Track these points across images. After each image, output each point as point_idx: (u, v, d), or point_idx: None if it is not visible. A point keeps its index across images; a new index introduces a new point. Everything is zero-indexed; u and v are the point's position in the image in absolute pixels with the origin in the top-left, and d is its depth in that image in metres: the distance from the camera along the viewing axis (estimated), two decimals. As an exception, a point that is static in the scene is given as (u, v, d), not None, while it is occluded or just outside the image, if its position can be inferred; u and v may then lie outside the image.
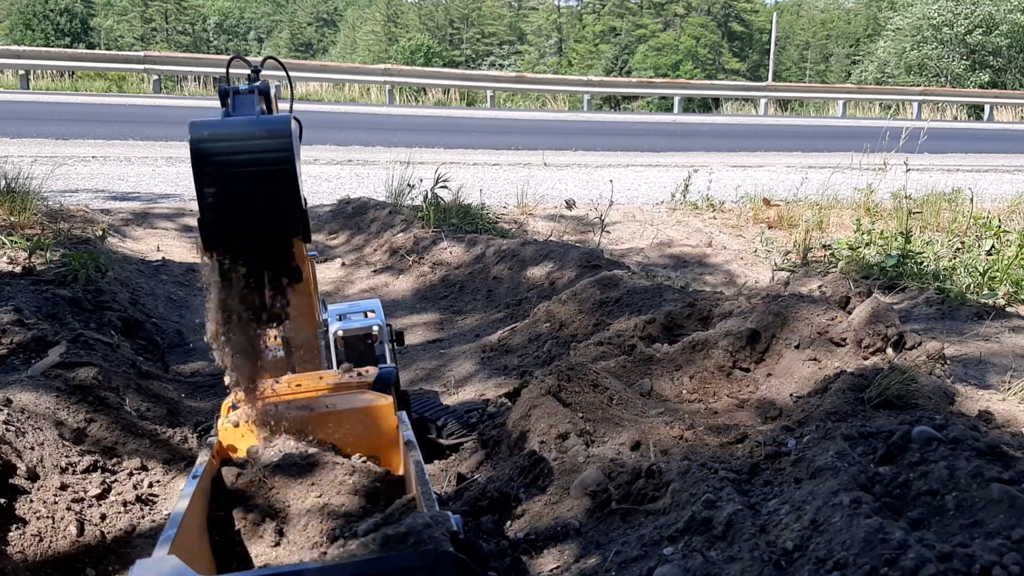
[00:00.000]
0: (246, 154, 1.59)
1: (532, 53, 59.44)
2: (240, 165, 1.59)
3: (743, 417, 2.58)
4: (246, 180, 1.60)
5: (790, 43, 58.84)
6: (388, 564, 1.26)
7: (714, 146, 13.61)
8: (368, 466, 1.92)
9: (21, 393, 2.51)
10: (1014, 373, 3.11)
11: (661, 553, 1.71)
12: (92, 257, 4.28)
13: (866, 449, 1.89)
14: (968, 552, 1.34)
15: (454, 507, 2.29)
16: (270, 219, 1.64)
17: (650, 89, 24.16)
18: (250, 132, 1.61)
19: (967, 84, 31.82)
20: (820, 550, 1.49)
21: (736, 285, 5.33)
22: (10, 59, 18.45)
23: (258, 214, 1.62)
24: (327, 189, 8.12)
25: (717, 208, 7.57)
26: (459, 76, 23.09)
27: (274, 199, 1.62)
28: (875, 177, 6.85)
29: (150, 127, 11.93)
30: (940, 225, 6.53)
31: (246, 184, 1.60)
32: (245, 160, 1.59)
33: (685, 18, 55.76)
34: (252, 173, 1.59)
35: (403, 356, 3.97)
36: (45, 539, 2.07)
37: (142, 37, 56.74)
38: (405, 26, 62.90)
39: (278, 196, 1.62)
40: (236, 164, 1.59)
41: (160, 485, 2.51)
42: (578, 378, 2.59)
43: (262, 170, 1.60)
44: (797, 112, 23.96)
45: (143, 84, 19.59)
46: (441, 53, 50.37)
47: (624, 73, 46.73)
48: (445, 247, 5.55)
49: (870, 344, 2.76)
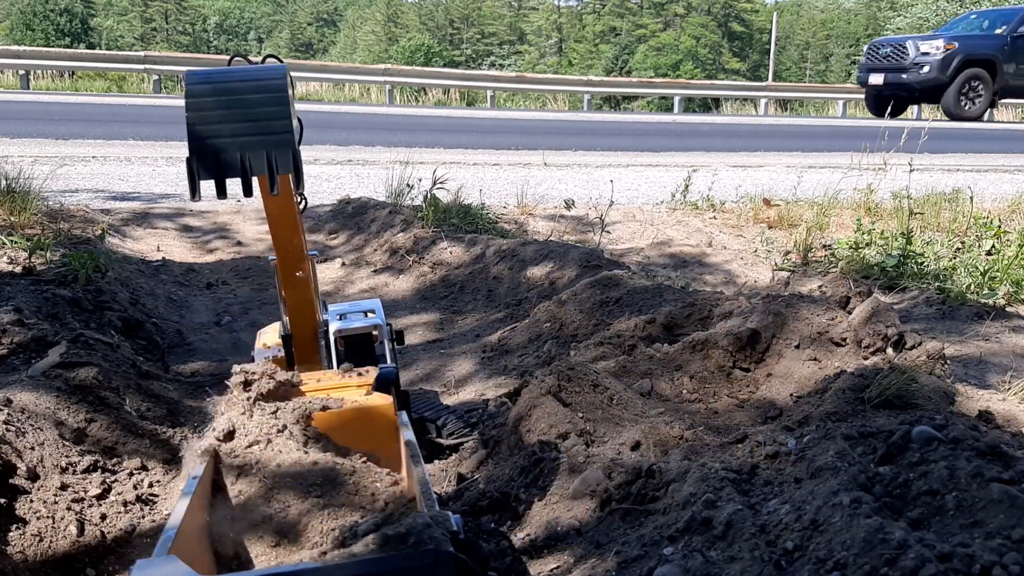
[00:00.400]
0: (241, 82, 1.64)
1: (532, 53, 59.46)
2: (234, 92, 1.62)
3: (743, 417, 2.58)
4: (239, 108, 1.62)
5: (790, 43, 58.84)
6: (388, 564, 1.26)
7: (714, 146, 13.61)
8: (368, 466, 1.92)
9: (21, 393, 2.51)
10: (1014, 373, 3.11)
11: (661, 553, 1.71)
12: (92, 257, 4.28)
13: (866, 449, 1.89)
14: (968, 552, 1.34)
15: (454, 507, 2.30)
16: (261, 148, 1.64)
17: (650, 89, 24.16)
18: (246, 73, 1.66)
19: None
20: (820, 550, 1.49)
21: (736, 285, 5.33)
22: (10, 59, 18.46)
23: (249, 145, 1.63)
24: (327, 189, 8.12)
25: (717, 208, 7.57)
26: (459, 76, 23.10)
27: (266, 132, 1.63)
28: (875, 177, 6.85)
29: (150, 127, 11.93)
30: (940, 225, 6.53)
31: (239, 113, 1.63)
32: (239, 88, 1.63)
33: (685, 18, 55.78)
34: (246, 100, 1.62)
35: (403, 356, 3.97)
36: (45, 539, 2.07)
37: (142, 37, 56.75)
38: (405, 26, 62.92)
39: (271, 129, 1.64)
40: (230, 91, 1.62)
41: (160, 485, 2.51)
42: (578, 378, 2.59)
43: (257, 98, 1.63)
44: (797, 112, 23.97)
45: (143, 84, 19.61)
46: (441, 53, 50.38)
47: (624, 73, 46.73)
48: (445, 247, 5.55)
49: (870, 344, 2.76)
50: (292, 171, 1.67)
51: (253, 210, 7.16)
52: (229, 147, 1.62)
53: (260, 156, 1.64)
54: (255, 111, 1.63)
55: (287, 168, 1.66)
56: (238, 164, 1.63)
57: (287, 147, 1.65)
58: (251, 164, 1.64)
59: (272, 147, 1.64)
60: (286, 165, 1.66)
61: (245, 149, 1.63)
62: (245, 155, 1.63)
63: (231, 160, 1.63)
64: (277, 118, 1.64)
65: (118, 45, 47.69)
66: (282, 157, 1.65)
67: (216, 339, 4.29)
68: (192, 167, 1.62)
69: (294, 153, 1.66)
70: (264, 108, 1.64)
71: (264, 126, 1.64)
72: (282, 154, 1.65)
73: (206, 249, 6.14)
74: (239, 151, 1.63)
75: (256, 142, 1.63)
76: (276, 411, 1.98)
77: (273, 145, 1.64)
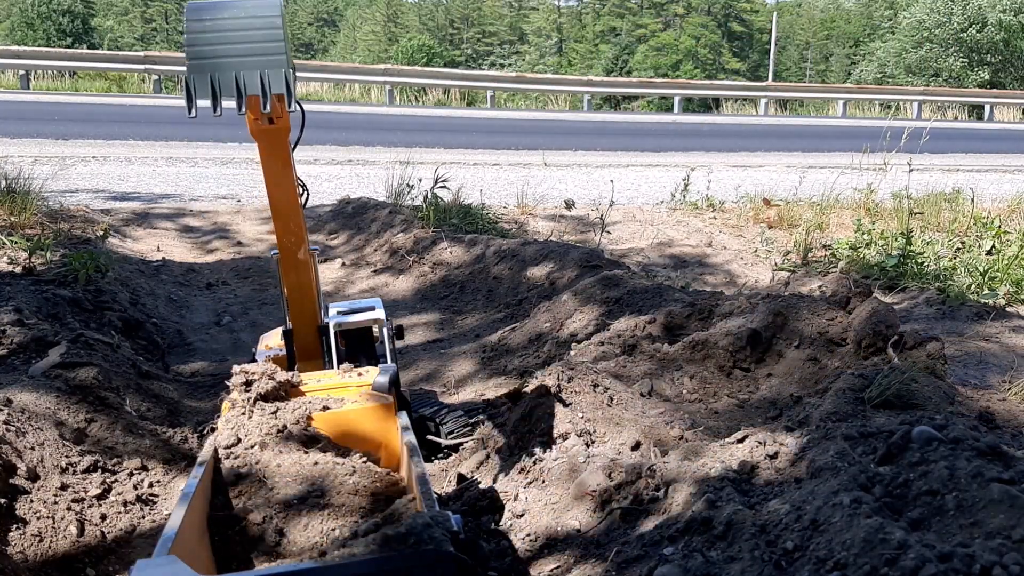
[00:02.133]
0: (236, 9, 1.75)
1: (532, 53, 59.45)
2: (230, 18, 1.74)
3: (744, 417, 2.58)
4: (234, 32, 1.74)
5: (790, 43, 58.83)
6: (388, 564, 1.26)
7: (714, 146, 13.61)
8: (368, 466, 1.91)
9: (21, 393, 2.51)
10: (1014, 373, 3.11)
11: (661, 553, 1.71)
12: (92, 257, 4.28)
13: (866, 449, 1.89)
14: (968, 552, 1.34)
15: (454, 507, 2.30)
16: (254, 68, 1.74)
17: (650, 89, 24.14)
18: (241, 3, 1.76)
19: (966, 83, 31.80)
20: (820, 550, 1.49)
21: (736, 285, 5.33)
22: (10, 59, 18.45)
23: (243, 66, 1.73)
24: (327, 189, 8.12)
25: (717, 208, 7.57)
26: (459, 76, 23.08)
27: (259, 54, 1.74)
28: (875, 177, 6.85)
29: (150, 127, 11.92)
30: (940, 225, 6.52)
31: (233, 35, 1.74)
32: (234, 14, 1.74)
33: (685, 18, 55.75)
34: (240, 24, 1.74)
35: (403, 356, 3.97)
36: (45, 539, 2.07)
37: (142, 37, 56.76)
38: (405, 26, 62.92)
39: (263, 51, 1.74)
40: (226, 17, 1.74)
41: (160, 485, 2.51)
42: (578, 378, 2.59)
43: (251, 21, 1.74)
44: (797, 112, 23.95)
45: (143, 84, 19.60)
46: (441, 53, 50.35)
47: (624, 73, 46.72)
48: (445, 247, 5.56)
49: (870, 344, 2.76)
50: (284, 90, 1.76)
51: (253, 210, 7.16)
52: (224, 67, 1.73)
53: (253, 75, 1.74)
54: (249, 34, 1.74)
55: (280, 86, 1.75)
56: (232, 82, 1.73)
57: (279, 67, 1.75)
58: (245, 83, 1.74)
59: (265, 67, 1.74)
60: (279, 83, 1.75)
61: (239, 69, 1.73)
62: (240, 74, 1.73)
63: (226, 78, 1.74)
64: (269, 40, 1.74)
65: (118, 45, 47.69)
66: (275, 76, 1.74)
67: (216, 339, 4.29)
68: (189, 86, 1.73)
69: (286, 73, 1.75)
70: (257, 31, 1.74)
71: (257, 47, 1.74)
72: (275, 73, 1.74)
73: (206, 249, 6.14)
74: (233, 71, 1.73)
75: (250, 63, 1.74)
76: (276, 411, 1.98)
77: (266, 65, 1.74)
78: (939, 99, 23.44)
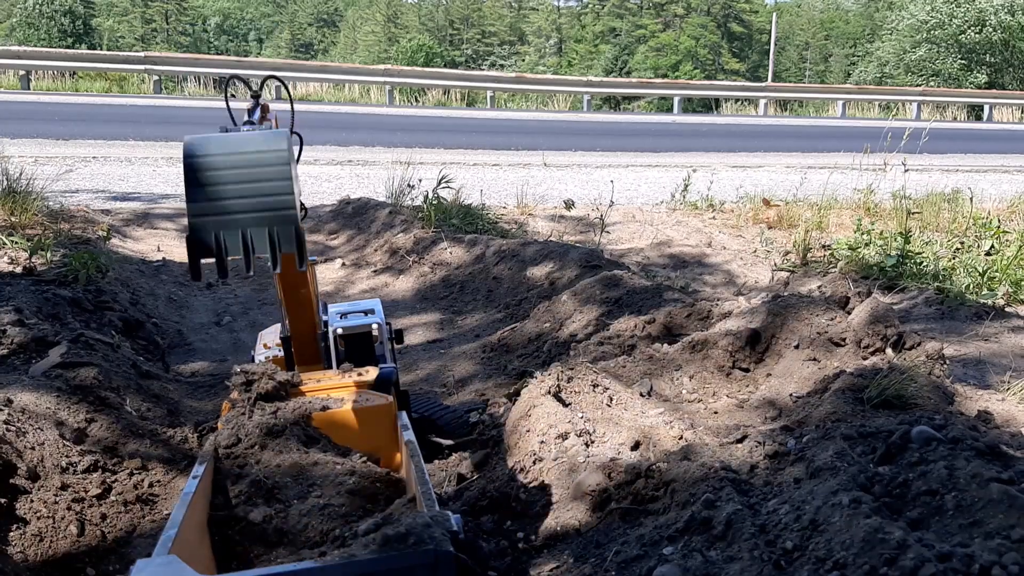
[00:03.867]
0: (241, 155, 1.56)
1: (532, 53, 59.49)
2: (235, 166, 1.55)
3: (743, 417, 2.58)
4: (240, 183, 1.55)
5: (790, 43, 58.85)
6: (388, 564, 1.26)
7: (714, 146, 13.61)
8: (368, 466, 1.92)
9: (22, 393, 2.52)
10: (1014, 373, 3.11)
11: (661, 553, 1.71)
12: (93, 257, 4.28)
13: (866, 449, 1.90)
14: (967, 552, 1.34)
15: (454, 507, 2.30)
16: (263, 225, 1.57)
17: (650, 89, 24.15)
18: (246, 143, 1.58)
19: (965, 85, 31.80)
20: (820, 550, 1.49)
21: (736, 285, 5.33)
22: (11, 59, 18.46)
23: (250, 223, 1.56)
24: (327, 189, 8.12)
25: (717, 208, 7.57)
26: (459, 76, 23.09)
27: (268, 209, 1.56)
28: (875, 177, 6.85)
29: (150, 127, 11.93)
30: (940, 225, 6.53)
31: (239, 188, 1.55)
32: (239, 161, 1.55)
33: (685, 18, 55.77)
34: (247, 175, 1.55)
35: (403, 356, 3.98)
36: (45, 539, 2.07)
37: (142, 37, 56.74)
38: (405, 26, 62.94)
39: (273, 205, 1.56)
40: (230, 165, 1.55)
41: (160, 485, 2.51)
42: (578, 378, 2.59)
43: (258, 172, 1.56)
44: (797, 112, 23.96)
45: (143, 84, 19.61)
46: (441, 53, 50.40)
47: (624, 73, 46.75)
48: (445, 247, 5.56)
49: (870, 344, 2.76)
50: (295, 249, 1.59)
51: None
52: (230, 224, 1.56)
53: (262, 234, 1.57)
54: (256, 186, 1.56)
55: (290, 246, 1.59)
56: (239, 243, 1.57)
57: (290, 224, 1.58)
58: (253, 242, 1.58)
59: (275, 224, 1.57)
60: (289, 242, 1.58)
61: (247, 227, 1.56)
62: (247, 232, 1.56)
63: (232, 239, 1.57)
64: (279, 193, 1.57)
65: (118, 46, 47.69)
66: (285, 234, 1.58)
67: (216, 339, 4.30)
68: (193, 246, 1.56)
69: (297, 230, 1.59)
70: (266, 183, 1.56)
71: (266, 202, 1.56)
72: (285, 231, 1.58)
73: (206, 249, 6.13)
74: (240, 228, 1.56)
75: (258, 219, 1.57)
76: (276, 411, 1.98)
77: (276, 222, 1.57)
78: (938, 99, 23.45)
